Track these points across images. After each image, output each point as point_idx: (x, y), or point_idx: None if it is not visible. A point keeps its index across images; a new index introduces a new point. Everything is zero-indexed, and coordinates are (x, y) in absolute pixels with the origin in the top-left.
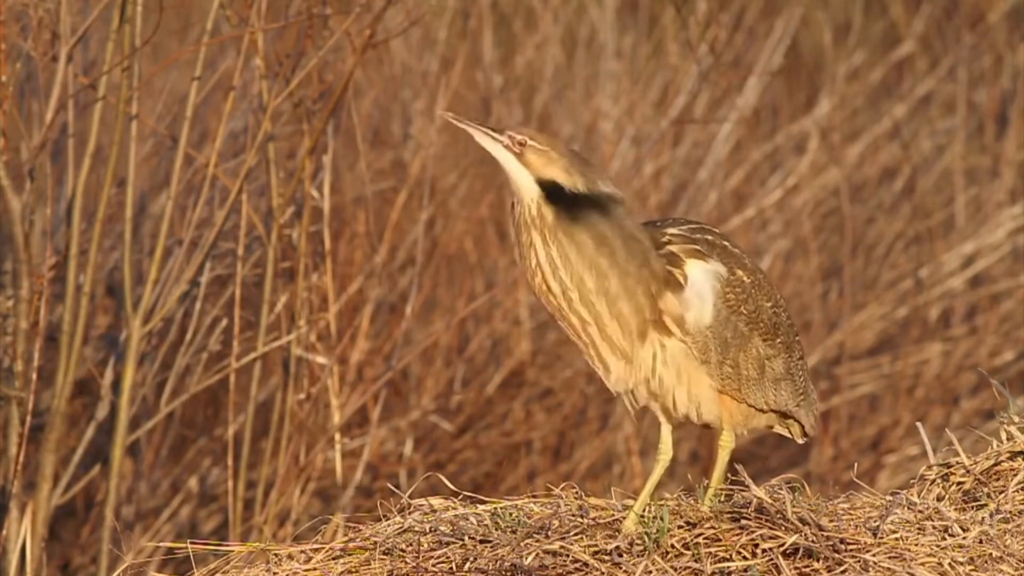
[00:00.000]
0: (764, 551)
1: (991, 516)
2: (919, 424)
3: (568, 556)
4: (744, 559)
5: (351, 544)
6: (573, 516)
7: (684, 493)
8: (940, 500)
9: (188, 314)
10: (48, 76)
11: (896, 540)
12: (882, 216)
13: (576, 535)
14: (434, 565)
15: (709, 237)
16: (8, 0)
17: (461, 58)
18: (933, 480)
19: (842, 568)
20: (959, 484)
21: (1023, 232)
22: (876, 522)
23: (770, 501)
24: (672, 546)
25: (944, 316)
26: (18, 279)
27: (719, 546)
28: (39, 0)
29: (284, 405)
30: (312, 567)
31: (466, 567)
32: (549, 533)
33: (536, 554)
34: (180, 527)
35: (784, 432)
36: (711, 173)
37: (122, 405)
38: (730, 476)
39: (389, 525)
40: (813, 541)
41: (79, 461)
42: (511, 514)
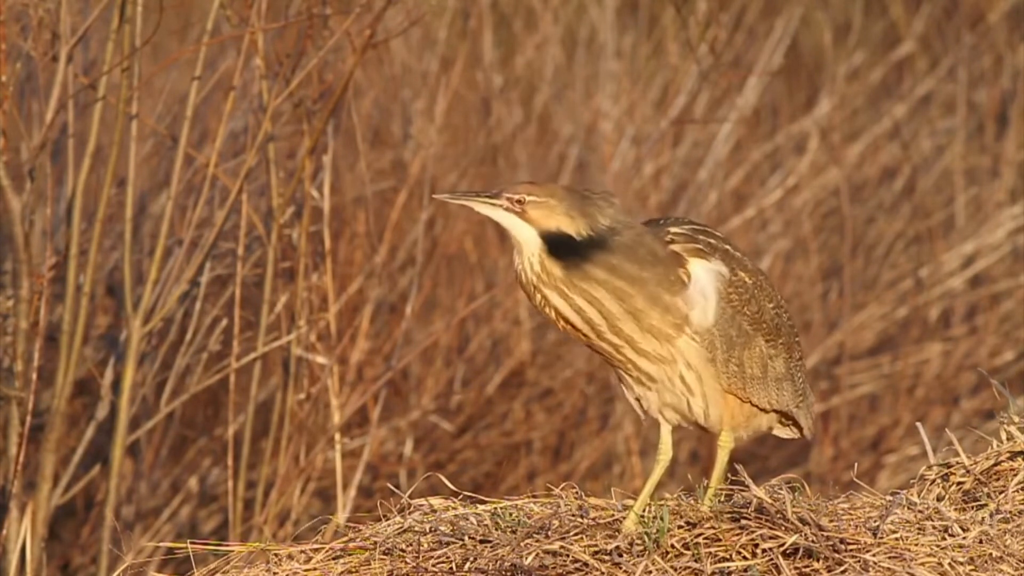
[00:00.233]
0: (764, 551)
1: (991, 516)
2: (919, 424)
3: (568, 556)
4: (744, 559)
5: (351, 544)
6: (573, 516)
7: (684, 493)
8: (940, 500)
9: (188, 314)
10: (48, 76)
11: (896, 540)
12: (882, 216)
13: (576, 535)
14: (434, 565)
15: (712, 240)
16: (8, 0)
17: (461, 58)
18: (933, 480)
19: (842, 568)
20: (959, 484)
21: (1023, 232)
22: (876, 522)
23: (770, 501)
24: (672, 546)
25: (944, 316)
26: (18, 279)
27: (719, 546)
28: (39, 0)
29: (284, 405)
30: (312, 567)
31: (466, 567)
32: (549, 533)
33: (536, 554)
34: (180, 527)
35: (782, 433)
36: (711, 173)
37: (122, 405)
38: (730, 476)
39: (389, 525)
40: (813, 541)
41: (79, 461)
42: (511, 514)
